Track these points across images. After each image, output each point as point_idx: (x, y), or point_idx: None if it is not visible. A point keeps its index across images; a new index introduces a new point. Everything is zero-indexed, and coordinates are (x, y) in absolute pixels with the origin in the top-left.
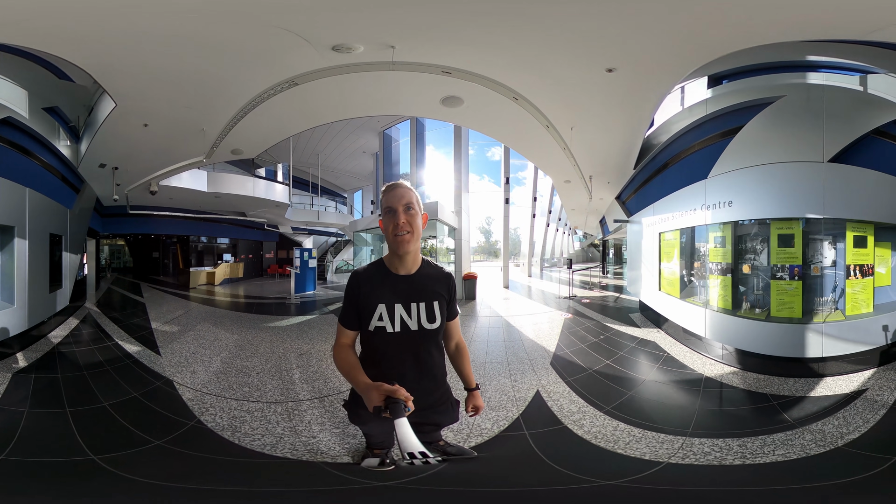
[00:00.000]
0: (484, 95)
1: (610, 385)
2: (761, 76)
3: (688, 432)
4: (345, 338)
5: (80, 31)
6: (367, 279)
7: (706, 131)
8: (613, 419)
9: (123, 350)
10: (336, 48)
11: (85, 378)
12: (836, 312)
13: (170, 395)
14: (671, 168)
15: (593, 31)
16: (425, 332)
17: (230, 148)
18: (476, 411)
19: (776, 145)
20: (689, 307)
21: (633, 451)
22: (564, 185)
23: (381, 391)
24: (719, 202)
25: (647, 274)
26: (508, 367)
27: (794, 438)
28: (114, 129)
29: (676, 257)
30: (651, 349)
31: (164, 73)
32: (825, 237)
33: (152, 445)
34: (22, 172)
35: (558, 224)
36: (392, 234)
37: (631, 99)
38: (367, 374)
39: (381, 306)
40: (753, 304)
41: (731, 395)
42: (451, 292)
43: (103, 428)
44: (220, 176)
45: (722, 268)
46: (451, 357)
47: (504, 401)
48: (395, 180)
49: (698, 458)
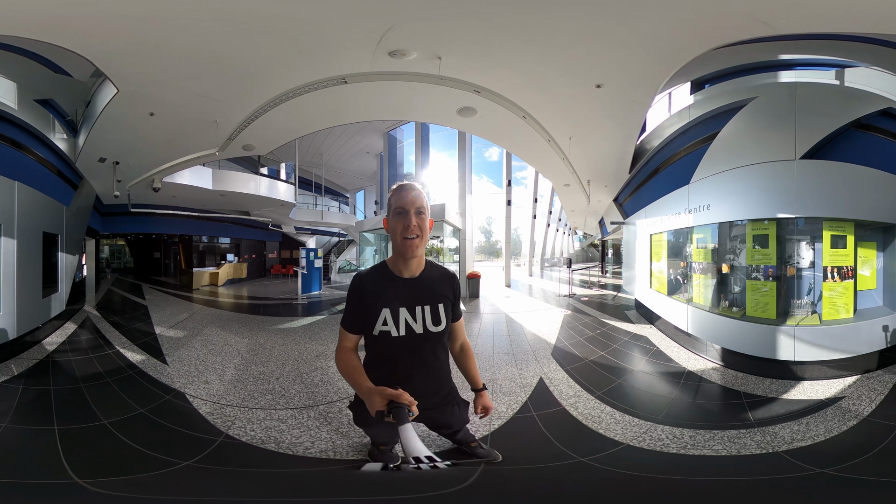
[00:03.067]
0: (495, 109)
1: (602, 373)
2: (738, 78)
3: (657, 419)
4: (347, 342)
5: (83, 8)
6: (370, 283)
7: (690, 137)
8: (602, 403)
9: (126, 359)
10: (392, 53)
11: (81, 391)
12: (813, 316)
13: (184, 409)
14: (661, 173)
15: (582, 52)
16: (430, 335)
17: (242, 143)
18: (485, 412)
19: (750, 147)
20: (675, 304)
21: (607, 432)
22: (564, 189)
23: (384, 396)
24: (699, 206)
25: (641, 273)
26: (514, 357)
27: (743, 437)
28: (115, 119)
29: (665, 257)
30: (643, 343)
31: (180, 55)
32: (802, 237)
33: (180, 466)
34: (9, 165)
35: (558, 225)
36: (401, 236)
37: (619, 110)
38: (372, 379)
39: (386, 311)
40: (732, 303)
41: (707, 389)
42: (456, 293)
43: (99, 448)
44: (225, 174)
45: (703, 267)
46: (456, 358)
47: (514, 387)
48: (400, 181)
49: (652, 443)
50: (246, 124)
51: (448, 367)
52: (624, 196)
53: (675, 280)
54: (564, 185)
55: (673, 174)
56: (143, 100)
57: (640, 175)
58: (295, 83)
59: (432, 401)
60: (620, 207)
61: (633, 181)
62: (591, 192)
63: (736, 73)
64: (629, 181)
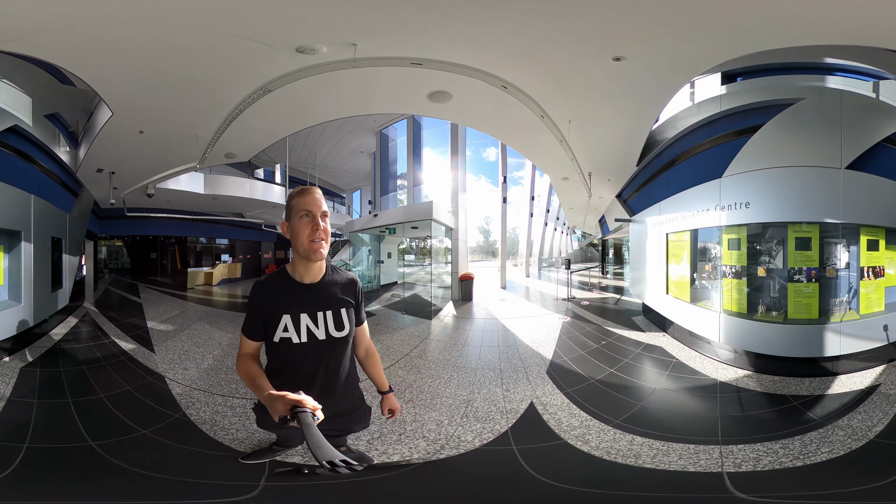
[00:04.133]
0: (471, 88)
1: (616, 396)
2: (777, 76)
3: (719, 440)
4: (247, 348)
5: (82, 45)
6: (270, 289)
7: (719, 129)
8: (626, 433)
9: (119, 347)
10: (300, 49)
11: (84, 372)
12: (851, 312)
13: (161, 389)
14: (679, 165)
15: (605, 18)
16: (334, 341)
17: (224, 152)
18: (392, 414)
19: (793, 148)
20: (701, 312)
21: (665, 465)
22: (562, 183)
23: (286, 401)
24: (735, 203)
25: (652, 276)
26: (501, 374)
27: (828, 436)
28: (111, 136)
29: (686, 259)
30: (658, 355)
31: (154, 81)
32: (839, 241)
33: (139, 434)
34: (26, 180)
35: (556, 223)
36: (308, 239)
37: (639, 91)
38: (275, 386)
39: (286, 317)
40: (769, 307)
41: (750, 398)
42: (359, 298)
43: (100, 417)
44: (217, 178)
45: (736, 271)
46: (362, 362)
47: (493, 412)
48: (392, 179)
49: (753, 464)
50: (217, 137)
51: (355, 373)
52: (629, 191)
53: (700, 285)
54: (562, 179)
55: (697, 166)
56: (133, 120)
57: (651, 168)
58: (240, 96)
59: (339, 408)
60: (625, 204)
61: (640, 175)
62: (592, 187)
63: (772, 70)
64: (636, 175)
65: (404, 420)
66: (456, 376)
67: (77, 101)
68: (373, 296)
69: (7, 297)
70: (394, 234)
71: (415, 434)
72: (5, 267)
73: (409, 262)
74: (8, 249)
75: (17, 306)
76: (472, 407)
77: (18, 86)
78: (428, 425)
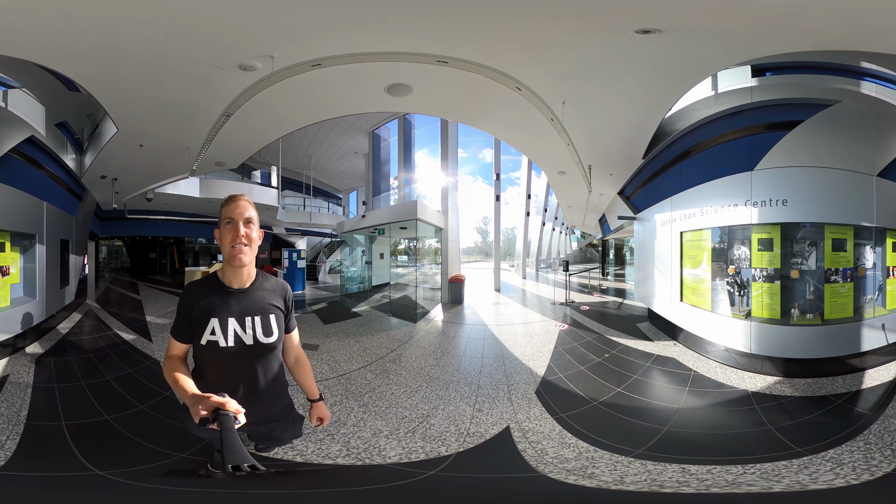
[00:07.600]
0: (427, 75)
1: (629, 420)
2: (812, 75)
3: (794, 453)
4: (175, 350)
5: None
6: (200, 293)
7: (747, 120)
8: (658, 462)
9: (121, 338)
10: (243, 67)
11: (92, 360)
12: (879, 308)
13: (156, 372)
14: (696, 156)
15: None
16: (262, 346)
17: (213, 161)
18: (321, 422)
19: (830, 150)
20: (727, 321)
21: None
22: (559, 178)
23: (208, 404)
24: (771, 199)
25: (662, 280)
26: (477, 391)
27: (883, 433)
28: (115, 149)
29: (706, 261)
30: (672, 368)
31: (148, 100)
32: (868, 242)
33: (137, 409)
34: (39, 187)
35: (554, 223)
36: (229, 245)
37: (663, 73)
38: (201, 389)
39: (214, 320)
40: (803, 310)
41: (792, 405)
42: (289, 304)
43: (109, 395)
44: (212, 182)
45: (768, 274)
46: (292, 369)
47: (449, 433)
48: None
49: (851, 468)
50: (204, 149)
51: (284, 380)
52: (633, 188)
53: (724, 291)
54: (559, 174)
55: (719, 157)
56: (134, 135)
57: (659, 160)
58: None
59: (265, 414)
60: (628, 201)
61: (646, 169)
62: (592, 183)
63: (804, 68)
64: (641, 169)
65: (344, 422)
66: (424, 387)
67: (81, 107)
68: (363, 297)
69: (23, 293)
70: (383, 234)
71: (343, 438)
72: (21, 266)
73: (402, 263)
74: (24, 251)
75: (32, 301)
76: (427, 424)
77: (32, 92)
78: (363, 433)
